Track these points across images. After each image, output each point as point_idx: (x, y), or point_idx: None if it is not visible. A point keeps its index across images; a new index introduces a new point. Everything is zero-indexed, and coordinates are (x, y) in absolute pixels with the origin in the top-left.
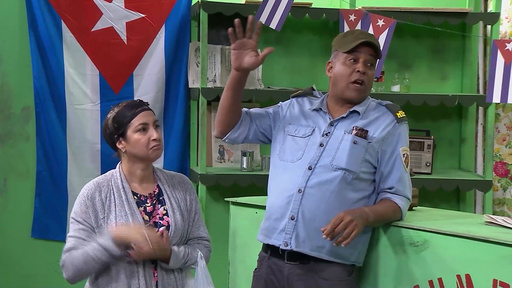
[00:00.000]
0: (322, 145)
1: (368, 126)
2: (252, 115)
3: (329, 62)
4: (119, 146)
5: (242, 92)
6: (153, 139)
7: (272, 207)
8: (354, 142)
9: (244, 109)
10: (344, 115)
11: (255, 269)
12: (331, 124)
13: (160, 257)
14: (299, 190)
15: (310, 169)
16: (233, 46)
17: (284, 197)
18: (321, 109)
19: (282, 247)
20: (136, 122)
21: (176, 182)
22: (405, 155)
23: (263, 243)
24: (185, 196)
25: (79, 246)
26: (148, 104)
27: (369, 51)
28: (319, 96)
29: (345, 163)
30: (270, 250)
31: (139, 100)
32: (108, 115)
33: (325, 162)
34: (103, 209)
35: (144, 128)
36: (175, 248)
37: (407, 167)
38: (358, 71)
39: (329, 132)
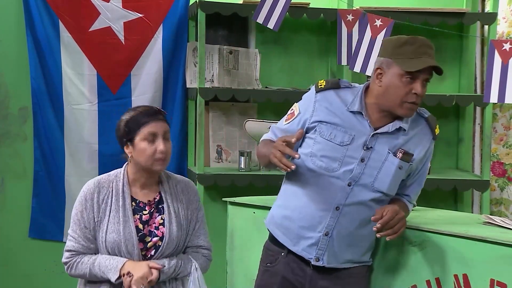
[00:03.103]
0: (363, 160)
1: (410, 143)
2: None
3: (379, 68)
4: (126, 150)
5: None
6: (159, 151)
7: (299, 211)
8: (399, 168)
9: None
10: (389, 130)
11: (267, 263)
12: (373, 136)
13: None
14: (337, 207)
15: (350, 186)
16: (279, 156)
17: (317, 209)
18: (361, 112)
19: (313, 262)
20: (146, 130)
21: (179, 190)
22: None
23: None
24: (187, 205)
25: (79, 250)
26: (166, 115)
27: (429, 70)
28: (349, 87)
29: (387, 188)
30: (288, 249)
31: (158, 108)
32: (123, 117)
33: (366, 181)
34: (98, 212)
35: (152, 138)
36: (165, 264)
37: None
38: (415, 93)
39: (371, 146)
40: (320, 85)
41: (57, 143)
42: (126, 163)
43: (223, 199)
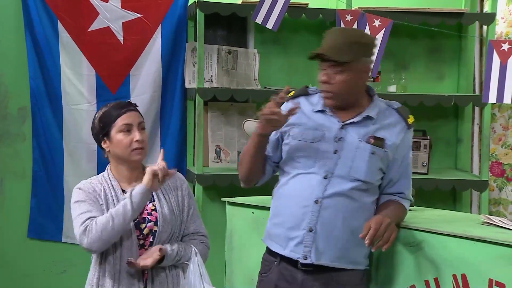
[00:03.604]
0: (336, 152)
1: (381, 131)
2: (269, 158)
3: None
4: (104, 145)
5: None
6: (136, 141)
7: (283, 214)
8: (372, 153)
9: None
10: (357, 120)
11: (262, 272)
12: (342, 127)
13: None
14: (316, 201)
15: (326, 178)
16: (266, 115)
17: (298, 206)
18: (323, 111)
19: (301, 260)
20: (120, 122)
21: (167, 178)
22: (411, 160)
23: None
24: (177, 192)
25: (96, 215)
26: (137, 106)
27: (326, 58)
28: (318, 92)
29: (364, 175)
30: (280, 256)
31: (128, 101)
32: (96, 115)
33: (342, 172)
34: (100, 197)
35: (128, 129)
36: (168, 248)
37: (411, 170)
38: (321, 81)
39: (342, 137)
40: (290, 95)
41: (56, 143)
42: (108, 165)
43: (222, 199)
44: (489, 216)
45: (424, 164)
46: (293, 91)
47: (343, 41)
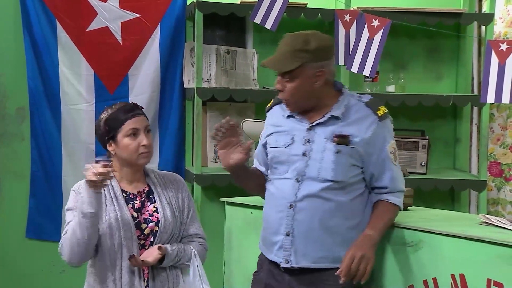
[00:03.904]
0: (306, 154)
1: (348, 127)
2: (265, 175)
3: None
4: (109, 148)
5: (251, 173)
6: (143, 145)
7: (266, 220)
8: (337, 152)
9: (256, 169)
10: (322, 120)
11: (255, 271)
12: (310, 129)
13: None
14: (289, 205)
15: (298, 182)
16: (218, 147)
17: (276, 212)
18: (292, 116)
19: (283, 264)
20: (128, 127)
21: (167, 180)
22: (393, 151)
23: None
24: (177, 194)
25: None
26: (143, 108)
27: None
28: None
29: (332, 175)
30: (268, 260)
31: (133, 103)
32: (101, 116)
33: (312, 173)
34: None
35: (134, 133)
36: (168, 248)
37: (396, 161)
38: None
39: (309, 139)
40: (268, 105)
41: (54, 143)
42: (110, 162)
43: (221, 199)
44: (487, 216)
45: (423, 164)
46: (271, 101)
47: (286, 50)
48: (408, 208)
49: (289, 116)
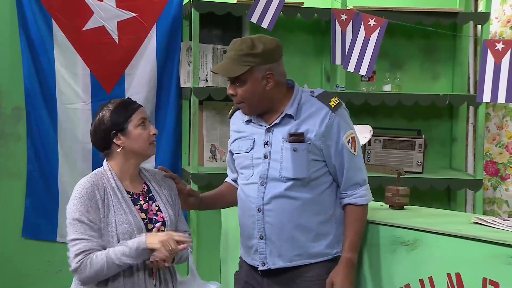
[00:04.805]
0: (266, 156)
1: (304, 126)
2: (235, 180)
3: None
4: (117, 142)
5: (215, 198)
6: (152, 134)
7: (240, 226)
8: (294, 150)
9: (229, 181)
10: (277, 121)
11: (236, 271)
12: (268, 131)
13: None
14: (258, 209)
15: (263, 185)
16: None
17: (247, 217)
18: (251, 120)
19: (260, 267)
20: (138, 116)
21: (159, 178)
22: (350, 141)
23: None
24: (169, 191)
25: (93, 248)
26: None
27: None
28: None
29: (292, 173)
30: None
31: (129, 98)
32: (103, 112)
33: (274, 174)
34: (103, 207)
35: (144, 124)
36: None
37: (355, 151)
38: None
39: (268, 141)
40: (230, 112)
41: (50, 142)
42: (106, 162)
43: None
44: (480, 217)
45: (419, 163)
46: (231, 108)
47: (233, 55)
48: (405, 207)
49: (248, 121)
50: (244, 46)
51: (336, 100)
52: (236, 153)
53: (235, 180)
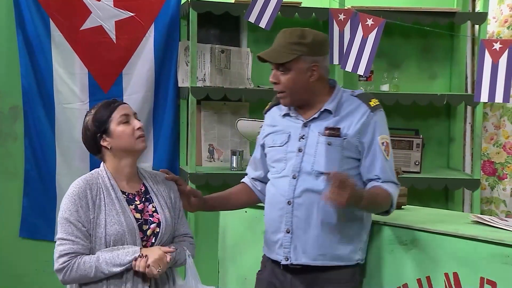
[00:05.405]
0: (301, 150)
1: (341, 122)
2: (258, 179)
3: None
4: (104, 143)
5: (225, 198)
6: (138, 128)
7: (267, 221)
8: (328, 144)
9: (248, 181)
10: (316, 115)
11: (259, 271)
12: (305, 125)
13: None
14: (288, 202)
15: (295, 178)
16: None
17: (275, 210)
18: (288, 114)
19: (283, 262)
20: (117, 114)
21: (159, 180)
22: (385, 144)
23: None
24: (169, 193)
25: (78, 251)
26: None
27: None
28: None
29: (324, 168)
30: (271, 259)
31: (113, 99)
32: (87, 118)
33: (307, 168)
34: (93, 208)
35: (126, 120)
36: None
37: (388, 155)
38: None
39: (304, 135)
40: (266, 108)
41: (48, 142)
42: (103, 163)
43: None
44: (479, 216)
45: (417, 163)
46: (269, 104)
47: (282, 43)
48: (402, 207)
49: (285, 115)
50: (294, 35)
51: (376, 101)
52: (269, 147)
53: (255, 178)
